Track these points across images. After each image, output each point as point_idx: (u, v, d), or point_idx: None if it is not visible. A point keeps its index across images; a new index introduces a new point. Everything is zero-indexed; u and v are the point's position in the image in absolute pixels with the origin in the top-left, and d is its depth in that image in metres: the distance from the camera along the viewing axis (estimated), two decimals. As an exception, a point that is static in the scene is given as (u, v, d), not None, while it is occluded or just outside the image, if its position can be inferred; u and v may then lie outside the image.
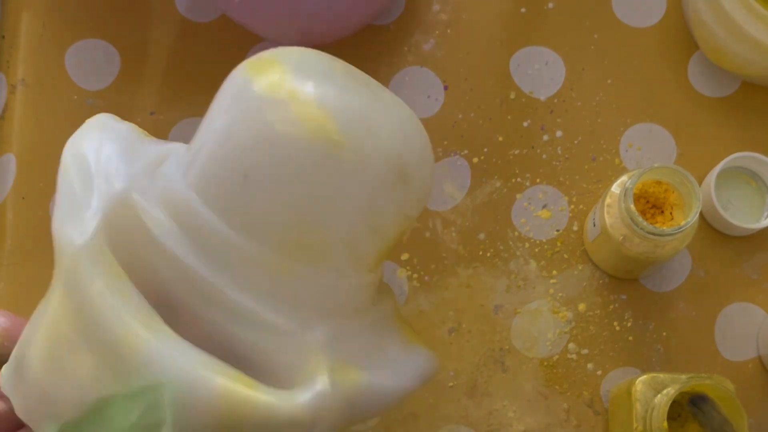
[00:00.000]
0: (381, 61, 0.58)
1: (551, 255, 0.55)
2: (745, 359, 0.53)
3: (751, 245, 0.54)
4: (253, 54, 0.58)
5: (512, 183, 0.56)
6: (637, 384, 0.47)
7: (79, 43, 0.59)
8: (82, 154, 0.37)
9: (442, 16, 0.59)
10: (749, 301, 0.54)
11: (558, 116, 0.57)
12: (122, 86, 0.58)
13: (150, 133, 0.58)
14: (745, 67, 0.54)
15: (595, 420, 0.53)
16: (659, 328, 0.54)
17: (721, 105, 0.57)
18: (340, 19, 0.54)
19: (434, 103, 0.57)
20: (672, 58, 0.57)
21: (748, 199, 0.55)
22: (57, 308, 0.33)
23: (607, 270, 0.54)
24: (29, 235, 0.56)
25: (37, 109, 0.58)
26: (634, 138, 0.56)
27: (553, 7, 0.58)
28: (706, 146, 0.56)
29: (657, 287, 0.54)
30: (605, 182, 0.56)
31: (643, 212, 0.50)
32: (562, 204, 0.56)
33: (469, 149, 0.56)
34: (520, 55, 0.58)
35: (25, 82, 0.59)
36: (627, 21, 0.58)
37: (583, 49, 0.58)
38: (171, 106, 0.58)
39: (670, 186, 0.49)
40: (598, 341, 0.53)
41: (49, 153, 0.57)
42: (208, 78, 0.58)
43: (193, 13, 0.59)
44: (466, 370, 0.53)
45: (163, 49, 0.59)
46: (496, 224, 0.55)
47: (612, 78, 0.57)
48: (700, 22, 0.55)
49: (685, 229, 0.46)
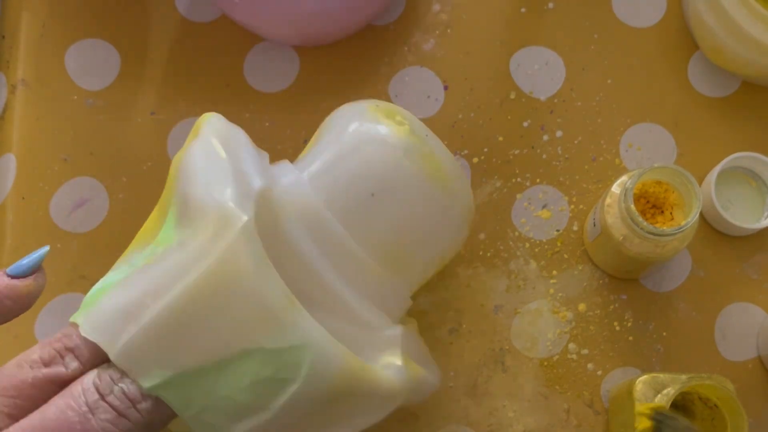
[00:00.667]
0: (381, 61, 0.58)
1: (551, 255, 0.55)
2: (745, 359, 0.53)
3: (751, 245, 0.54)
4: (253, 54, 0.58)
5: (512, 183, 0.56)
6: (638, 384, 0.47)
7: (79, 43, 0.59)
8: (228, 137, 0.41)
9: (442, 16, 0.59)
10: (749, 301, 0.54)
11: (558, 116, 0.57)
12: (122, 86, 0.58)
13: (150, 133, 0.59)
14: (745, 67, 0.54)
15: (596, 420, 0.53)
16: (659, 328, 0.54)
17: (721, 105, 0.57)
18: (340, 19, 0.54)
19: (434, 103, 0.57)
20: (672, 58, 0.57)
21: (748, 199, 0.55)
22: (205, 270, 0.35)
23: (607, 270, 0.54)
24: (29, 235, 0.56)
25: (37, 109, 0.58)
26: (634, 138, 0.56)
27: (553, 7, 0.58)
28: (706, 146, 0.56)
29: (657, 287, 0.54)
30: (605, 182, 0.56)
31: (643, 212, 0.50)
32: (562, 204, 0.56)
33: (469, 149, 0.56)
34: (520, 55, 0.58)
35: (25, 82, 0.59)
36: (627, 21, 0.58)
37: (583, 49, 0.58)
38: (171, 106, 0.58)
39: (670, 186, 0.49)
40: (598, 341, 0.54)
41: (49, 153, 0.57)
42: (208, 78, 0.59)
43: (193, 13, 0.59)
44: (466, 370, 0.53)
45: (163, 49, 0.59)
46: (496, 224, 0.55)
47: (612, 78, 0.57)
48: (700, 22, 0.55)
49: (685, 229, 0.46)
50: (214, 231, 0.35)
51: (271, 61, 0.58)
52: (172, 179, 0.40)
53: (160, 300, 0.35)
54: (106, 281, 0.38)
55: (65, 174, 0.57)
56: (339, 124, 0.44)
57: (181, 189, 0.38)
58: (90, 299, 0.37)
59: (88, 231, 0.56)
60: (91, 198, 0.57)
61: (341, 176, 0.42)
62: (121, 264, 0.40)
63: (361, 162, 0.42)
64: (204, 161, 0.38)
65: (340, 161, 0.42)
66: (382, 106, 0.44)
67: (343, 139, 0.43)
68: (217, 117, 0.42)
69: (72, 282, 0.55)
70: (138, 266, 0.38)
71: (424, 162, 0.42)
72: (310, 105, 0.58)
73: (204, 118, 0.42)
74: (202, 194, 0.37)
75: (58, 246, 0.56)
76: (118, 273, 0.39)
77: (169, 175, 0.40)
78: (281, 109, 0.58)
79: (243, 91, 0.58)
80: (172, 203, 0.39)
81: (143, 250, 0.39)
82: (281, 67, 0.58)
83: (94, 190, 0.57)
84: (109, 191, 0.57)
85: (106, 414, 0.33)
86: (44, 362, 0.35)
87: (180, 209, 0.38)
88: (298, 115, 0.57)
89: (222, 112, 0.57)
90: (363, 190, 0.41)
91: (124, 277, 0.37)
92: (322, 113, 0.57)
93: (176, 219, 0.38)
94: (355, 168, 0.42)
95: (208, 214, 0.36)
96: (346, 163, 0.42)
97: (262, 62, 0.58)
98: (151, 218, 0.41)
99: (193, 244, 0.36)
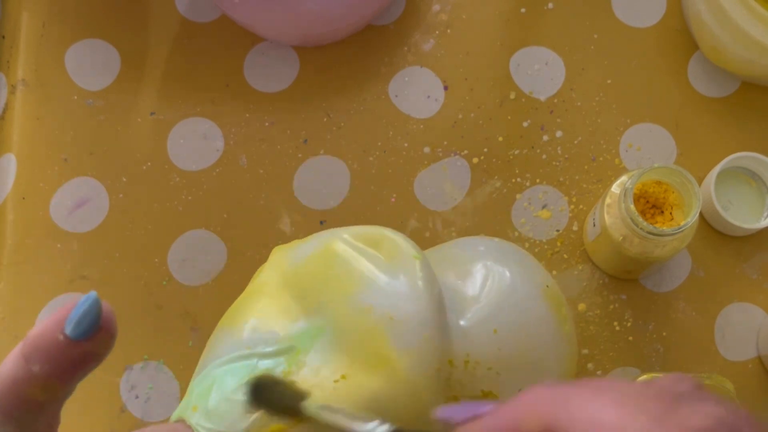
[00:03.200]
0: (381, 61, 0.58)
1: (551, 255, 0.55)
2: (745, 359, 0.53)
3: (751, 245, 0.54)
4: (253, 54, 0.58)
5: (512, 183, 0.56)
6: (637, 384, 0.47)
7: (79, 43, 0.59)
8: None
9: (442, 16, 0.59)
10: (749, 301, 0.54)
11: (558, 116, 0.57)
12: (122, 86, 0.58)
13: (150, 133, 0.59)
14: (745, 67, 0.54)
15: (595, 420, 0.53)
16: (659, 328, 0.54)
17: (721, 105, 0.57)
18: (340, 19, 0.54)
19: (434, 103, 0.57)
20: (672, 58, 0.57)
21: (748, 199, 0.55)
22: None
23: (607, 270, 0.54)
24: (29, 235, 0.56)
25: (37, 109, 0.58)
26: (634, 138, 0.56)
27: (553, 7, 0.58)
28: (706, 146, 0.56)
29: (657, 287, 0.54)
30: (605, 182, 0.56)
31: (643, 212, 0.50)
32: (562, 204, 0.56)
33: (469, 149, 0.56)
34: (520, 55, 0.58)
35: (25, 82, 0.59)
36: (627, 21, 0.58)
37: (583, 49, 0.58)
38: (171, 106, 0.58)
39: (670, 186, 0.49)
40: (598, 341, 0.53)
41: (49, 153, 0.57)
42: (208, 78, 0.58)
43: (193, 13, 0.59)
44: (466, 370, 0.53)
45: (163, 49, 0.59)
46: (496, 224, 0.55)
47: (612, 78, 0.57)
48: (700, 22, 0.55)
49: (684, 229, 0.46)
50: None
51: (271, 61, 0.58)
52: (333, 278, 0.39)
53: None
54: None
55: (65, 174, 0.57)
56: (504, 281, 0.42)
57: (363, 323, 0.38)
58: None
59: (88, 231, 0.56)
60: (91, 198, 0.57)
61: (503, 347, 0.40)
62: (225, 345, 0.39)
63: (522, 345, 0.40)
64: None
65: (505, 329, 0.40)
66: (553, 289, 0.43)
67: (507, 310, 0.41)
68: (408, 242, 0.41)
69: (72, 282, 0.55)
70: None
71: (565, 362, 0.42)
72: (310, 105, 0.58)
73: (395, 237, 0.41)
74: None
75: (58, 246, 0.56)
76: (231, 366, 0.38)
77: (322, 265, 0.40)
78: (281, 109, 0.58)
79: (243, 91, 0.58)
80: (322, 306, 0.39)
81: (261, 337, 0.39)
82: (281, 67, 0.58)
83: (94, 190, 0.57)
84: (109, 191, 0.57)
85: None
86: None
87: (339, 335, 0.38)
88: (298, 115, 0.57)
89: (222, 112, 0.58)
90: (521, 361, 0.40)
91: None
92: (322, 113, 0.57)
93: (330, 343, 0.38)
94: (516, 345, 0.40)
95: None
96: (509, 334, 0.40)
97: (262, 62, 0.58)
98: (263, 293, 0.41)
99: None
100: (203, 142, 0.57)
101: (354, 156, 0.57)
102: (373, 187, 0.56)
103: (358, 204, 0.56)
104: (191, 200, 0.56)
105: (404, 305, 0.37)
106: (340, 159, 0.57)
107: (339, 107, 0.57)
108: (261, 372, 0.37)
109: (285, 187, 0.56)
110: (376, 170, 0.56)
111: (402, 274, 0.38)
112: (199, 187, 0.56)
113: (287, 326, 0.39)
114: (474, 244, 0.44)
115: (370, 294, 0.37)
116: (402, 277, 0.38)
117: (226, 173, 0.57)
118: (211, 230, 0.56)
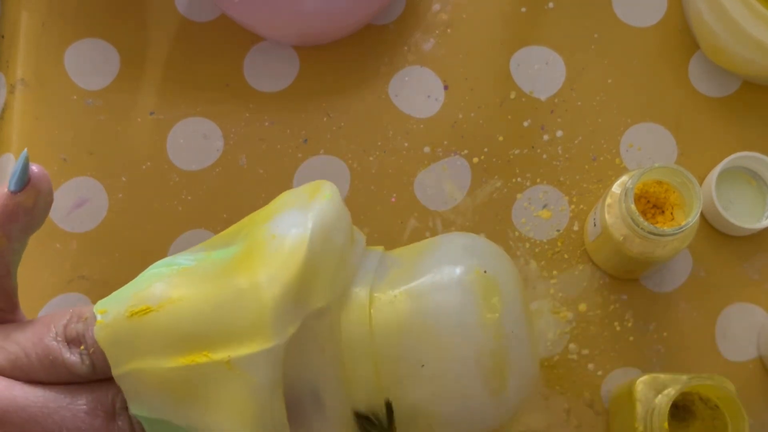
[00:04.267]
0: (381, 61, 0.58)
1: (552, 255, 0.55)
2: (746, 359, 0.53)
3: (752, 245, 0.54)
4: (253, 54, 0.58)
5: (512, 183, 0.56)
6: (638, 384, 0.47)
7: (79, 42, 0.59)
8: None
9: (442, 16, 0.59)
10: (750, 302, 0.54)
11: (558, 116, 0.57)
12: (122, 86, 0.58)
13: (149, 133, 0.59)
14: (745, 66, 0.54)
15: (596, 420, 0.53)
16: (660, 329, 0.54)
17: (721, 105, 0.57)
18: (340, 19, 0.54)
19: (434, 103, 0.57)
20: (672, 58, 0.57)
21: (749, 199, 0.54)
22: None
23: (607, 270, 0.54)
24: (29, 235, 0.56)
25: (37, 109, 0.58)
26: (635, 138, 0.56)
27: (553, 7, 0.58)
28: (706, 146, 0.56)
29: (657, 287, 0.54)
30: (606, 182, 0.56)
31: (644, 212, 0.50)
32: (563, 204, 0.55)
33: (469, 149, 0.56)
34: (520, 55, 0.58)
35: (25, 81, 0.58)
36: (627, 21, 0.58)
37: (583, 49, 0.58)
38: (171, 106, 0.58)
39: (670, 186, 0.49)
40: (598, 341, 0.53)
41: (48, 153, 0.57)
42: (208, 78, 0.58)
43: (193, 13, 0.59)
44: (467, 370, 0.53)
45: (163, 49, 0.59)
46: (497, 224, 0.55)
47: (612, 78, 0.57)
48: (700, 21, 0.55)
49: (685, 229, 0.46)
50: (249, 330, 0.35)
51: (271, 61, 0.58)
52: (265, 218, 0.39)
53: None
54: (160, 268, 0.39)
55: (65, 174, 0.57)
56: (439, 267, 0.40)
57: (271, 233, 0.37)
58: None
59: (87, 231, 0.56)
60: (90, 198, 0.57)
61: (405, 331, 0.38)
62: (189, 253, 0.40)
63: (428, 332, 0.38)
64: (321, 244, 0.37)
65: (415, 316, 0.38)
66: (485, 279, 0.39)
67: (426, 294, 0.39)
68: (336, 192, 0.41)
69: (71, 282, 0.55)
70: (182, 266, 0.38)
71: (490, 361, 0.38)
72: (310, 105, 0.57)
73: (326, 186, 0.41)
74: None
75: (57, 246, 0.56)
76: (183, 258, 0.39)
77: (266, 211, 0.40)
78: (281, 109, 0.57)
79: (243, 91, 0.58)
80: (251, 238, 0.38)
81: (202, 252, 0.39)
82: (281, 67, 0.58)
83: (94, 189, 0.57)
84: (109, 191, 0.57)
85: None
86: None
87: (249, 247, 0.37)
88: (298, 114, 0.57)
89: (222, 112, 0.58)
90: (415, 357, 0.38)
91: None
92: (322, 113, 0.57)
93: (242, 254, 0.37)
94: (420, 333, 0.38)
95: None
96: (416, 323, 0.38)
97: (262, 62, 0.58)
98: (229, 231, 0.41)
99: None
100: (203, 141, 0.57)
101: (354, 156, 0.57)
102: (373, 186, 0.56)
103: (358, 204, 0.56)
104: (191, 200, 0.56)
105: (293, 230, 0.37)
106: (340, 159, 0.56)
107: (339, 107, 0.57)
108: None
109: (285, 186, 0.56)
110: (376, 170, 0.56)
111: (310, 211, 0.38)
112: (198, 186, 0.56)
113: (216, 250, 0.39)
114: (450, 238, 0.44)
115: (278, 225, 0.38)
116: (309, 214, 0.38)
117: (226, 173, 0.57)
118: (211, 230, 0.56)
